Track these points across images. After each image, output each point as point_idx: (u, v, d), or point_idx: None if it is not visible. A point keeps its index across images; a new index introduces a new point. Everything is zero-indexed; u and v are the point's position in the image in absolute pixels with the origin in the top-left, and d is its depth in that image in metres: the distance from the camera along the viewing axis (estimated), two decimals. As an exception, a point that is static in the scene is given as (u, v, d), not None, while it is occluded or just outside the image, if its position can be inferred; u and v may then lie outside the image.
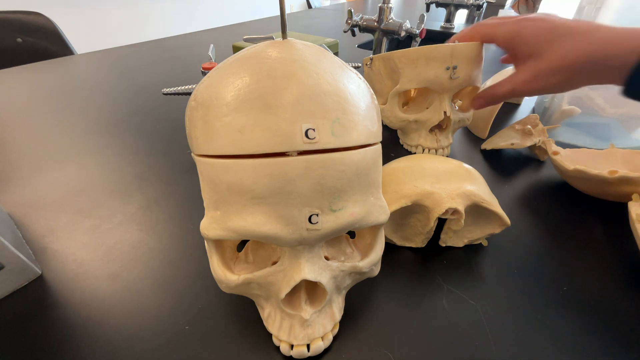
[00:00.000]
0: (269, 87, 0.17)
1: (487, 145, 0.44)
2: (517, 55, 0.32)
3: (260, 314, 0.23)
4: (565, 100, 0.45)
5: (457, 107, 0.41)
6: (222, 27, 1.07)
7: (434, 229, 0.28)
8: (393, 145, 0.46)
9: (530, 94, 0.32)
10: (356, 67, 0.66)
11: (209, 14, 2.47)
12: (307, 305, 0.21)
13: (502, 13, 1.17)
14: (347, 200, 0.18)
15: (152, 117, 0.53)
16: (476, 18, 1.20)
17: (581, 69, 0.27)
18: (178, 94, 0.45)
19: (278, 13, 2.03)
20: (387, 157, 0.43)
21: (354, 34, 0.78)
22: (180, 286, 0.27)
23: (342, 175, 0.17)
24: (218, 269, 0.21)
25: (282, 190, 0.17)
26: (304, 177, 0.17)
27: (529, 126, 0.42)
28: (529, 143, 0.41)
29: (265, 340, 0.23)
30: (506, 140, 0.42)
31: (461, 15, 1.26)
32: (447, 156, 0.40)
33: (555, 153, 0.36)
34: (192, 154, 0.20)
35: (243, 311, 0.25)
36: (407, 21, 0.69)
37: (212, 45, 0.46)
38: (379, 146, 0.20)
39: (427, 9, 1.09)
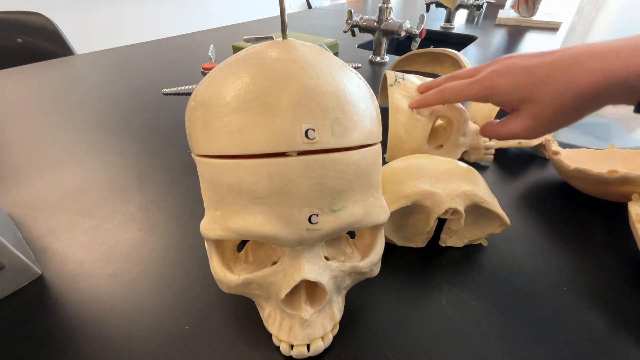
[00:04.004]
0: (269, 88, 0.17)
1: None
2: (501, 106, 0.30)
3: (260, 314, 0.23)
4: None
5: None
6: (222, 27, 1.07)
7: (434, 229, 0.28)
8: (393, 145, 0.46)
9: (535, 137, 0.29)
10: (356, 67, 0.67)
11: (209, 14, 2.47)
12: (307, 305, 0.21)
13: (502, 13, 1.17)
14: (347, 201, 0.18)
15: (152, 117, 0.53)
16: (476, 18, 1.20)
17: (585, 101, 0.26)
18: (178, 94, 0.45)
19: (278, 13, 2.03)
20: (387, 157, 0.43)
21: (354, 34, 0.78)
22: (180, 286, 0.27)
23: (342, 175, 0.17)
24: (218, 269, 0.21)
25: (282, 191, 0.17)
26: (303, 177, 0.17)
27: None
28: (535, 142, 0.41)
29: (265, 340, 0.23)
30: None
31: (461, 15, 1.26)
32: None
33: (555, 153, 0.36)
34: (192, 154, 0.20)
35: (243, 311, 0.25)
36: (407, 21, 0.69)
37: (212, 46, 0.46)
38: (379, 146, 0.20)
39: (427, 9, 1.09)
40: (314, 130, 0.16)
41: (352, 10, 0.73)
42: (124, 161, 0.42)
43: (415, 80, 0.39)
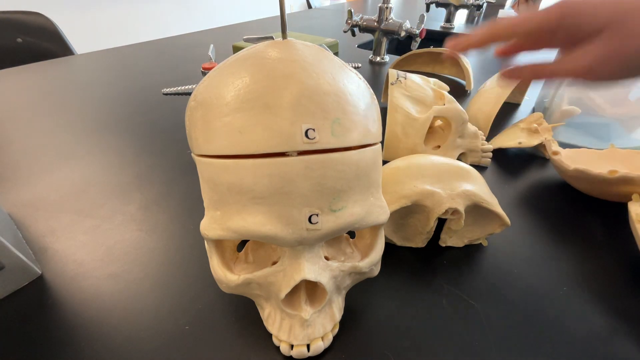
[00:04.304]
0: (269, 87, 0.17)
1: (493, 145, 0.43)
2: (572, 34, 0.24)
3: (260, 314, 0.23)
4: (565, 100, 0.45)
5: None
6: (222, 27, 1.07)
7: (434, 229, 0.28)
8: (393, 145, 0.46)
9: (595, 78, 0.23)
10: (356, 67, 0.67)
11: (209, 14, 2.47)
12: (307, 305, 0.21)
13: (502, 13, 1.17)
14: (347, 201, 0.18)
15: (152, 117, 0.53)
16: (476, 18, 1.20)
17: None
18: (178, 94, 0.46)
19: (278, 13, 2.03)
20: (387, 157, 0.43)
21: (354, 34, 0.78)
22: (180, 286, 0.27)
23: (342, 175, 0.17)
24: (218, 269, 0.21)
25: (282, 190, 0.17)
26: (303, 177, 0.17)
27: (535, 125, 0.42)
28: (536, 142, 0.41)
29: (265, 340, 0.23)
30: (513, 139, 0.42)
31: (461, 15, 1.26)
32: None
33: (555, 153, 0.36)
34: (192, 154, 0.20)
35: (243, 311, 0.25)
36: (407, 21, 0.69)
37: (212, 45, 0.46)
38: (379, 146, 0.20)
39: (427, 9, 1.09)
40: (314, 130, 0.16)
41: (352, 10, 0.73)
42: (124, 161, 0.42)
43: (418, 80, 0.38)
